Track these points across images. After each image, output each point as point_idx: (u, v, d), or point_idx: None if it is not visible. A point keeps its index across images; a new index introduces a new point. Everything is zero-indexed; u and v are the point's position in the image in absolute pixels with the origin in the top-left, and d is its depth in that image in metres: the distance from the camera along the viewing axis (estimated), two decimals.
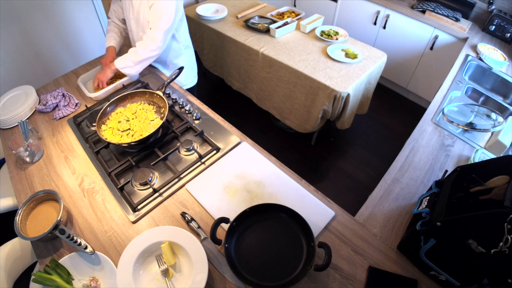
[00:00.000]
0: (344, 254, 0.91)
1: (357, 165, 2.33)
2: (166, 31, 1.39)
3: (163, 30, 1.38)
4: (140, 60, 1.42)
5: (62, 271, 0.87)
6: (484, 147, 1.28)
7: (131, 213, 1.01)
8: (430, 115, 1.42)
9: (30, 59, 2.24)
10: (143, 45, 1.41)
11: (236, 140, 1.24)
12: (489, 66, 1.79)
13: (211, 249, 0.92)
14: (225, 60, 2.48)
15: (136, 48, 1.42)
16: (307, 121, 2.14)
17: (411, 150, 1.25)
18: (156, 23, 1.36)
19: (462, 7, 2.34)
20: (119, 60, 1.44)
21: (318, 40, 2.19)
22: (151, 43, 1.39)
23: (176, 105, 1.41)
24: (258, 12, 2.54)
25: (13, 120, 1.36)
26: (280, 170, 1.13)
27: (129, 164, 1.15)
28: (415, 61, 2.60)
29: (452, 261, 0.77)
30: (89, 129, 1.32)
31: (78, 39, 2.49)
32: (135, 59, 1.42)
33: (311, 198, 1.04)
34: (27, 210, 0.99)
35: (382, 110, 2.79)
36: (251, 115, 2.71)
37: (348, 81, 1.85)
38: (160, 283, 0.86)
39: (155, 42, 1.39)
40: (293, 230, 0.92)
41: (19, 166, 1.20)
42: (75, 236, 0.91)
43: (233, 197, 1.05)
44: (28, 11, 2.08)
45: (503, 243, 0.63)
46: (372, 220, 1.01)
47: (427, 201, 0.88)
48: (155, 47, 1.41)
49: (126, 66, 1.43)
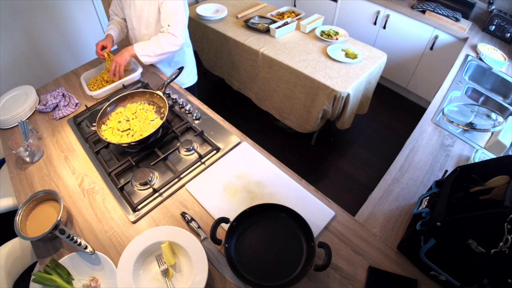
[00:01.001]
0: (344, 254, 0.91)
1: (357, 165, 2.33)
2: (183, 26, 1.42)
3: (181, 26, 1.40)
4: (161, 53, 1.43)
5: (62, 271, 0.87)
6: (484, 147, 1.28)
7: (131, 213, 1.01)
8: (430, 115, 1.42)
9: (30, 59, 2.24)
10: (166, 38, 1.40)
11: (236, 140, 1.24)
12: (489, 66, 1.79)
13: (211, 249, 0.92)
14: (225, 60, 2.48)
15: (158, 41, 1.41)
16: (307, 121, 2.14)
17: (411, 150, 1.25)
18: (172, 20, 1.38)
19: (462, 7, 2.34)
20: (139, 46, 1.43)
21: (318, 40, 2.20)
22: (174, 38, 1.40)
23: (176, 105, 1.41)
24: (258, 12, 2.54)
25: (13, 120, 1.36)
26: (280, 170, 1.13)
27: (129, 164, 1.15)
28: (415, 61, 2.59)
29: (452, 261, 0.77)
30: (89, 129, 1.32)
31: (78, 39, 2.49)
32: (157, 51, 1.42)
33: (311, 198, 1.04)
34: (27, 210, 0.99)
35: (382, 110, 2.79)
36: (251, 115, 2.71)
37: (348, 81, 1.85)
38: (160, 283, 0.86)
39: (178, 38, 1.41)
40: (293, 230, 0.92)
41: (19, 166, 1.20)
42: (75, 236, 0.91)
43: (233, 197, 1.05)
44: (28, 11, 2.08)
45: (503, 243, 0.63)
46: (372, 220, 1.01)
47: (427, 201, 0.88)
48: (178, 42, 1.42)
49: (146, 54, 1.43)
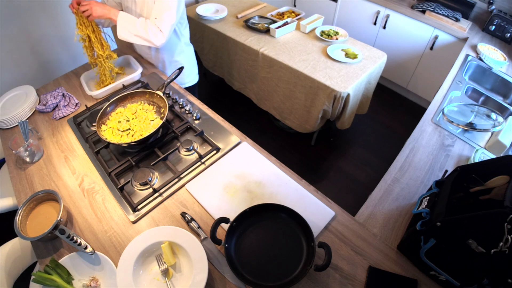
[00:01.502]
0: (344, 254, 0.91)
1: (357, 165, 2.33)
2: (171, 25, 1.39)
3: (169, 23, 1.38)
4: (142, 37, 1.37)
5: (62, 271, 0.86)
6: (484, 147, 1.28)
7: (131, 213, 1.01)
8: (430, 115, 1.42)
9: (30, 59, 2.24)
10: (154, 28, 1.36)
11: (236, 140, 1.24)
12: (489, 66, 1.79)
13: (211, 249, 0.92)
14: (225, 60, 2.48)
15: (146, 25, 1.36)
16: (307, 121, 2.14)
17: (411, 150, 1.25)
18: (162, 14, 1.36)
19: (462, 7, 2.34)
20: (124, 16, 1.36)
21: (318, 40, 2.20)
22: (159, 33, 1.37)
23: (176, 105, 1.41)
24: (258, 12, 2.54)
25: (13, 120, 1.36)
26: (280, 170, 1.13)
27: (129, 164, 1.15)
28: (415, 61, 2.59)
29: (452, 261, 0.76)
30: (89, 129, 1.32)
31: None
32: (141, 33, 1.36)
33: (311, 198, 1.04)
34: (27, 210, 0.99)
35: (382, 110, 2.79)
36: (251, 115, 2.71)
37: (348, 81, 1.85)
38: (160, 283, 0.86)
39: (163, 34, 1.38)
40: (293, 230, 0.92)
41: (19, 166, 1.20)
42: (75, 236, 0.91)
43: (233, 197, 1.05)
44: (28, 11, 2.08)
45: (503, 243, 0.63)
46: (372, 220, 1.01)
47: (427, 201, 0.88)
48: (161, 39, 1.38)
49: (127, 28, 1.36)
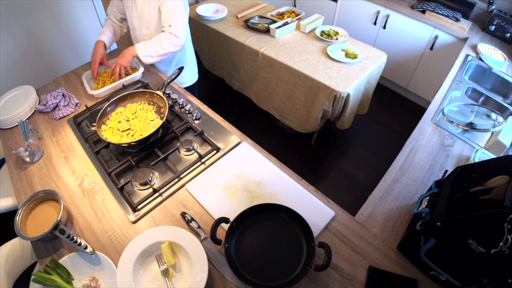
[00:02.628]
0: (344, 254, 0.91)
1: (357, 165, 2.33)
2: (185, 27, 1.43)
3: (182, 26, 1.41)
4: (163, 53, 1.44)
5: (62, 271, 0.86)
6: (484, 147, 1.28)
7: (131, 213, 1.01)
8: (430, 115, 1.42)
9: (31, 58, 2.24)
10: (168, 39, 1.40)
11: (236, 140, 1.24)
12: (489, 66, 1.79)
13: (211, 249, 0.92)
14: (225, 60, 2.48)
15: (160, 41, 1.41)
16: (307, 121, 2.14)
17: (411, 150, 1.25)
18: (173, 20, 1.39)
19: (462, 7, 2.34)
20: (141, 46, 1.43)
21: (318, 40, 2.20)
22: (175, 39, 1.41)
23: (176, 105, 1.41)
24: (258, 12, 2.54)
25: (13, 120, 1.36)
26: (280, 170, 1.13)
27: (129, 164, 1.15)
28: (415, 61, 2.60)
29: (452, 261, 0.76)
30: (89, 129, 1.32)
31: (78, 39, 2.49)
32: (159, 51, 1.42)
33: (311, 198, 1.04)
34: (27, 210, 0.99)
35: (382, 110, 2.79)
36: (251, 115, 2.71)
37: (348, 81, 1.85)
38: (160, 283, 0.86)
39: (179, 38, 1.41)
40: (293, 230, 0.92)
41: (19, 166, 1.20)
42: (75, 236, 0.91)
43: (233, 197, 1.05)
44: (28, 11, 2.08)
45: (503, 243, 0.63)
46: (372, 220, 1.01)
47: (427, 201, 0.88)
48: (179, 43, 1.43)
49: (148, 55, 1.43)
